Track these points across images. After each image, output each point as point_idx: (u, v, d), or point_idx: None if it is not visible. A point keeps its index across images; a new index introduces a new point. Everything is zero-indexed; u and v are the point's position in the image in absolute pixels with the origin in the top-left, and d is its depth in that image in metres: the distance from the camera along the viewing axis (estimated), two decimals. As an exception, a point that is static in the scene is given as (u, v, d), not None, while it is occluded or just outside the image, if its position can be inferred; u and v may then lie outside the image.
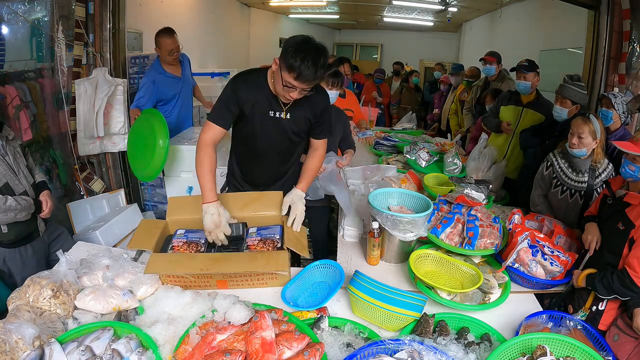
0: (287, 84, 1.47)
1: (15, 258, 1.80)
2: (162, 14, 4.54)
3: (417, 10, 7.27)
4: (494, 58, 3.65)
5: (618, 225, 1.50)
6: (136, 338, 1.19)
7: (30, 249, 1.85)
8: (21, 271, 1.79)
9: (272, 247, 1.55)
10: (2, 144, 1.74)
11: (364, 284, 1.33)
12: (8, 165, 1.74)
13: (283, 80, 1.47)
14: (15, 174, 1.76)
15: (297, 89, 1.48)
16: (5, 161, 1.73)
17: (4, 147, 1.74)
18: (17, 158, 1.81)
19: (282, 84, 1.48)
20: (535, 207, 2.13)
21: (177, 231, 1.65)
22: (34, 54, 2.79)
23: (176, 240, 1.59)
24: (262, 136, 1.72)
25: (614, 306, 1.48)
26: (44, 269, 1.50)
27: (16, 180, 1.76)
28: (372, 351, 1.13)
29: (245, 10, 7.31)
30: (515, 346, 1.18)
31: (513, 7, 5.90)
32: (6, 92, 2.52)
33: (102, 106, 2.97)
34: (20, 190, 1.77)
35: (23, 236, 1.82)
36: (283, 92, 1.53)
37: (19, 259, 1.81)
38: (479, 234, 1.67)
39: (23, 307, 1.27)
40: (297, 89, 1.48)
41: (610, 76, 3.04)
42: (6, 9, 2.51)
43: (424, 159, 2.85)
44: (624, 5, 2.87)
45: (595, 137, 1.86)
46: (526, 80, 2.70)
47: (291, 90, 1.49)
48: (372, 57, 11.43)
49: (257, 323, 1.14)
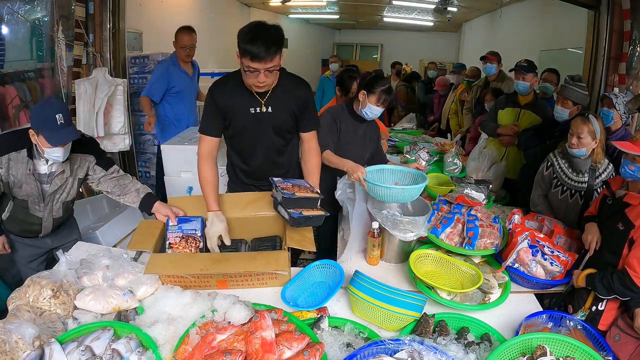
0: (247, 69, 1.50)
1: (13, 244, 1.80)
2: (162, 14, 4.55)
3: (417, 10, 7.28)
4: (495, 57, 3.65)
5: (618, 225, 1.49)
6: (136, 338, 1.19)
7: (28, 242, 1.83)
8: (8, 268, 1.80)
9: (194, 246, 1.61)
10: (52, 172, 1.66)
11: (364, 284, 1.33)
12: (39, 192, 1.67)
13: (244, 66, 1.50)
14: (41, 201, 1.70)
15: (260, 71, 1.49)
16: (37, 186, 1.66)
17: (52, 175, 1.67)
18: (65, 190, 1.73)
19: (244, 70, 1.51)
20: (535, 207, 2.13)
21: (168, 222, 1.65)
22: (34, 54, 2.79)
23: (171, 234, 1.60)
24: (249, 134, 1.74)
25: (613, 306, 1.48)
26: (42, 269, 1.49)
27: (37, 206, 1.71)
28: (372, 351, 1.13)
29: (245, 10, 7.32)
30: (515, 346, 1.18)
31: (513, 7, 5.90)
32: (6, 92, 2.52)
33: (102, 106, 2.97)
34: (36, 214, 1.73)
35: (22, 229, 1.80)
36: (251, 81, 1.54)
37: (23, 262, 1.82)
38: (479, 234, 1.67)
39: (23, 307, 1.27)
40: (260, 70, 1.49)
41: (610, 76, 3.04)
42: (6, 9, 2.51)
43: (424, 159, 2.85)
44: (624, 6, 2.87)
45: (594, 137, 1.86)
46: (525, 80, 2.70)
47: (254, 73, 1.50)
48: (372, 57, 11.44)
49: (257, 323, 1.14)
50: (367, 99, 2.02)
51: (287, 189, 1.58)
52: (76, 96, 2.94)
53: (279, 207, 1.61)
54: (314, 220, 1.58)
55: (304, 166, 1.85)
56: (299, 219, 1.52)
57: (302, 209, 1.56)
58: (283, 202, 1.56)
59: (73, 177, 1.74)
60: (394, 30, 10.28)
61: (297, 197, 1.56)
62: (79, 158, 1.72)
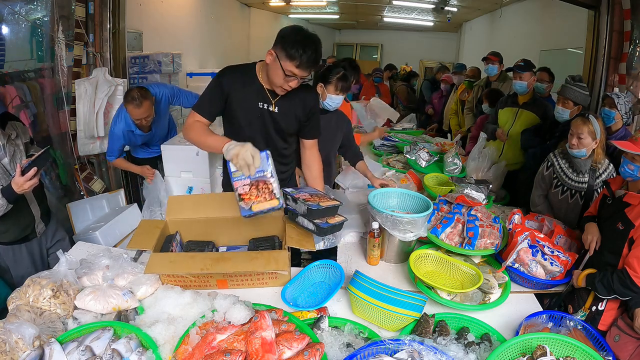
0: (289, 72, 1.49)
1: (7, 255, 1.78)
2: (162, 14, 4.54)
3: (417, 10, 7.28)
4: (497, 57, 3.66)
5: (618, 225, 1.49)
6: (136, 338, 1.19)
7: (24, 249, 1.82)
8: (14, 269, 1.78)
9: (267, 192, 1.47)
10: (1, 145, 1.70)
11: (364, 284, 1.33)
12: (3, 169, 1.68)
13: (284, 70, 1.49)
14: (9, 176, 1.69)
15: (297, 78, 1.51)
16: (1, 164, 1.68)
17: (3, 147, 1.71)
18: (17, 157, 1.75)
19: (284, 73, 1.50)
20: (536, 207, 2.13)
21: (229, 167, 1.42)
22: (34, 54, 2.79)
23: (238, 183, 1.42)
24: (249, 128, 1.71)
25: (613, 306, 1.48)
26: (39, 269, 1.48)
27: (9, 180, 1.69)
28: (372, 351, 1.13)
29: (245, 10, 7.31)
30: (515, 346, 1.18)
31: (513, 7, 5.90)
32: (6, 92, 2.52)
33: (102, 106, 2.97)
34: None
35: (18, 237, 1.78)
36: (282, 83, 1.54)
37: (11, 256, 1.79)
38: (479, 234, 1.67)
39: (23, 307, 1.27)
40: (298, 77, 1.51)
41: (610, 76, 3.04)
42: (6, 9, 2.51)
43: (424, 159, 2.85)
44: (625, 6, 2.87)
45: (594, 137, 1.86)
46: (522, 80, 2.72)
47: (292, 79, 1.52)
48: (372, 57, 11.43)
49: (257, 323, 1.14)
50: (325, 90, 2.03)
51: (309, 200, 1.56)
52: (76, 96, 2.94)
53: (299, 218, 1.59)
54: (337, 227, 1.59)
55: (308, 173, 1.86)
56: (327, 229, 1.52)
57: (327, 217, 1.56)
58: (308, 213, 1.53)
59: (19, 141, 1.75)
60: (394, 30, 10.27)
61: (324, 208, 1.54)
62: (12, 125, 1.74)
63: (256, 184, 1.47)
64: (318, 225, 1.51)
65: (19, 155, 1.76)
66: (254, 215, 1.48)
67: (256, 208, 1.48)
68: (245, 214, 1.48)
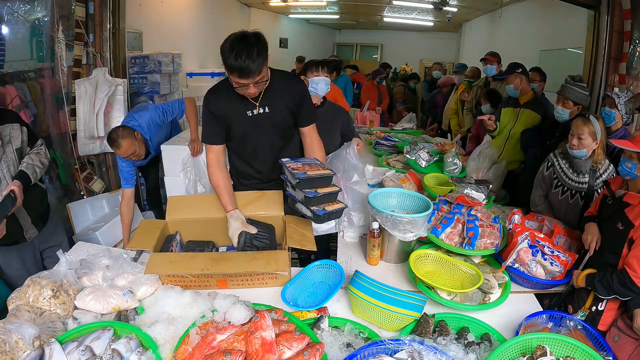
0: (236, 84, 1.50)
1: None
2: (162, 14, 4.54)
3: (417, 10, 7.28)
4: (495, 58, 3.66)
5: (617, 225, 1.49)
6: (136, 338, 1.19)
7: (14, 251, 1.80)
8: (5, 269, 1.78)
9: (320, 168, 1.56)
10: None
11: (364, 284, 1.33)
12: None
13: (232, 82, 1.50)
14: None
15: (249, 85, 1.49)
16: None
17: None
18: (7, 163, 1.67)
19: (234, 86, 1.51)
20: (536, 207, 2.13)
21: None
22: (34, 54, 2.79)
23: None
24: (250, 138, 1.74)
25: (613, 306, 1.48)
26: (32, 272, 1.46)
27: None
28: (372, 351, 1.13)
29: (245, 10, 7.31)
30: (515, 346, 1.18)
31: (513, 7, 5.90)
32: (6, 92, 2.52)
33: (102, 106, 2.97)
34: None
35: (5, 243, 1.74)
36: (244, 92, 1.55)
37: (1, 257, 1.79)
38: (479, 234, 1.67)
39: (23, 307, 1.27)
40: (249, 84, 1.49)
41: (610, 76, 3.04)
42: (6, 9, 2.51)
43: (424, 159, 2.85)
44: (625, 6, 2.87)
45: (595, 138, 1.86)
46: (509, 83, 2.78)
47: (244, 87, 1.50)
48: (372, 57, 11.44)
49: (257, 323, 1.14)
50: (307, 80, 2.10)
51: (298, 169, 1.53)
52: (76, 96, 2.95)
53: (298, 205, 1.57)
54: (336, 214, 1.56)
55: None
56: (323, 216, 1.51)
57: (324, 204, 1.54)
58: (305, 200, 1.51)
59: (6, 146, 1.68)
60: (394, 30, 10.28)
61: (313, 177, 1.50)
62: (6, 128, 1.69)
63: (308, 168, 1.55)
64: (314, 212, 1.50)
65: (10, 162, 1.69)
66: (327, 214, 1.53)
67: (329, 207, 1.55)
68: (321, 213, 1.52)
